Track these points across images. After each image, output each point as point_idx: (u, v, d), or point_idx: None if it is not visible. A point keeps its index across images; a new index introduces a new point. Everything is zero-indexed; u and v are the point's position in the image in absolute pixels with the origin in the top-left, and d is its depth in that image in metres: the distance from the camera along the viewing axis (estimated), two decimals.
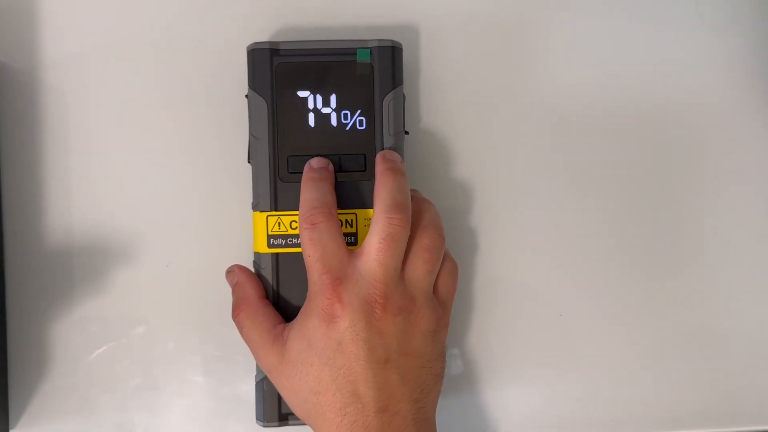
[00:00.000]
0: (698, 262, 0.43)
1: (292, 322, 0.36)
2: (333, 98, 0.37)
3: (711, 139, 0.44)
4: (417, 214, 0.36)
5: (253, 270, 0.38)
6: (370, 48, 0.37)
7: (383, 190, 0.35)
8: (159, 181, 0.42)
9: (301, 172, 0.37)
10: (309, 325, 0.34)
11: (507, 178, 0.43)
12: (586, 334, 0.43)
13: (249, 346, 0.36)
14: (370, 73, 0.37)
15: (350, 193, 0.37)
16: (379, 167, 0.36)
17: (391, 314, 0.34)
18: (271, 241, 0.37)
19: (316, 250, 0.34)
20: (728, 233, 0.44)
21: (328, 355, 0.33)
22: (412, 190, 0.39)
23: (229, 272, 0.38)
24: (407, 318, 0.34)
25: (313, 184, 0.36)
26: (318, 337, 0.34)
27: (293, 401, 0.35)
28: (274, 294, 0.37)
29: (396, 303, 0.34)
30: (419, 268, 0.35)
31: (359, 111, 0.37)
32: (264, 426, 0.37)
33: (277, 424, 0.37)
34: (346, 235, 0.36)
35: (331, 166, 0.37)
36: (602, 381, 0.43)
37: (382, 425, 0.33)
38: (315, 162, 0.37)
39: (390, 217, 0.34)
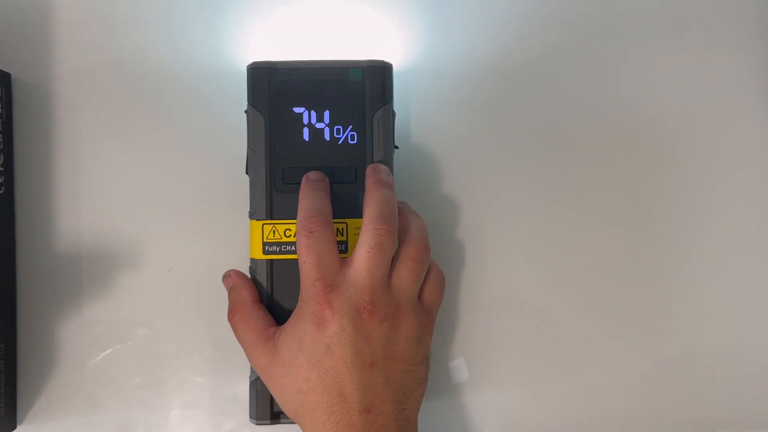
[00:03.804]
0: (680, 274, 0.44)
1: (283, 325, 0.36)
2: (326, 114, 0.38)
3: (695, 157, 0.44)
4: (404, 227, 0.38)
5: (248, 275, 0.39)
6: (362, 67, 0.38)
7: (371, 202, 0.36)
8: (162, 190, 0.43)
9: (296, 184, 0.38)
10: (300, 327, 0.35)
11: (494, 192, 0.44)
12: (569, 340, 0.43)
13: (243, 347, 0.37)
14: (361, 90, 0.38)
15: (342, 203, 0.38)
16: (369, 180, 0.37)
17: (378, 320, 0.35)
18: (267, 248, 0.38)
19: (312, 257, 0.35)
20: (713, 245, 0.44)
21: (317, 357, 0.34)
22: (402, 203, 0.40)
23: (226, 276, 0.39)
24: (393, 324, 0.35)
25: (311, 194, 0.37)
26: (308, 339, 0.35)
27: (283, 400, 0.36)
28: (268, 298, 0.38)
29: (382, 309, 0.35)
30: (405, 277, 0.36)
31: (351, 126, 0.39)
32: (257, 424, 0.38)
33: (269, 422, 0.38)
34: (339, 243, 0.37)
35: (326, 179, 0.38)
36: (585, 386, 0.43)
37: (366, 424, 0.34)
38: (312, 174, 0.38)
39: (377, 228, 0.35)
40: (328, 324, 0.34)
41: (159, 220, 0.43)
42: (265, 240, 0.38)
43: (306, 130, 0.39)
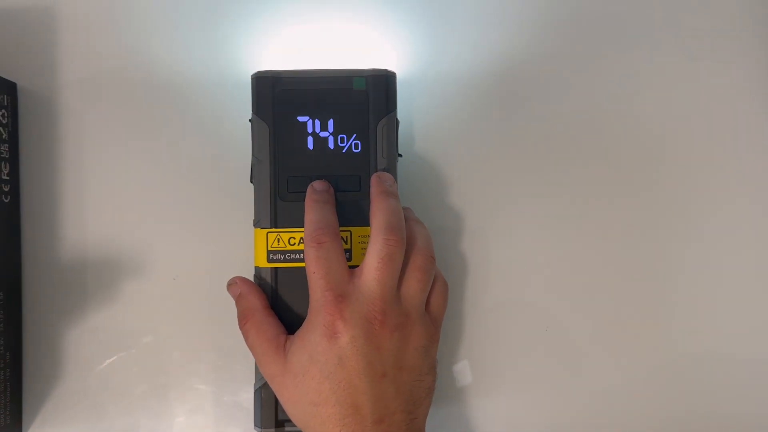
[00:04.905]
0: (683, 279, 0.44)
1: (294, 335, 0.36)
2: (330, 123, 0.39)
3: (697, 162, 0.44)
4: (410, 237, 0.38)
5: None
6: (366, 76, 0.39)
7: (379, 212, 0.36)
8: (167, 198, 0.43)
9: (300, 192, 0.38)
10: (311, 339, 0.35)
11: (497, 198, 0.44)
12: (572, 345, 0.44)
13: (253, 355, 0.37)
14: (365, 99, 0.39)
15: (346, 211, 0.38)
16: (374, 190, 0.38)
17: (389, 330, 0.35)
18: (271, 256, 0.38)
19: (321, 268, 0.35)
20: (715, 250, 0.44)
21: (329, 369, 0.34)
22: (405, 209, 0.40)
23: (231, 284, 0.39)
24: (403, 334, 0.35)
25: (318, 205, 0.37)
26: (320, 351, 0.35)
27: (293, 410, 0.36)
28: (273, 306, 0.38)
29: (393, 320, 0.35)
30: (413, 287, 0.36)
31: (355, 135, 0.39)
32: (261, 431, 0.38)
33: (273, 430, 0.38)
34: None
35: (331, 189, 0.38)
36: (588, 391, 0.44)
37: None
38: (318, 184, 0.38)
39: (387, 239, 0.35)
40: (340, 335, 0.34)
41: (164, 229, 0.43)
42: (269, 248, 0.38)
43: (310, 139, 0.39)
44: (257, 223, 0.39)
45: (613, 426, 0.44)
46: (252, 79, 0.39)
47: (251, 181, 0.39)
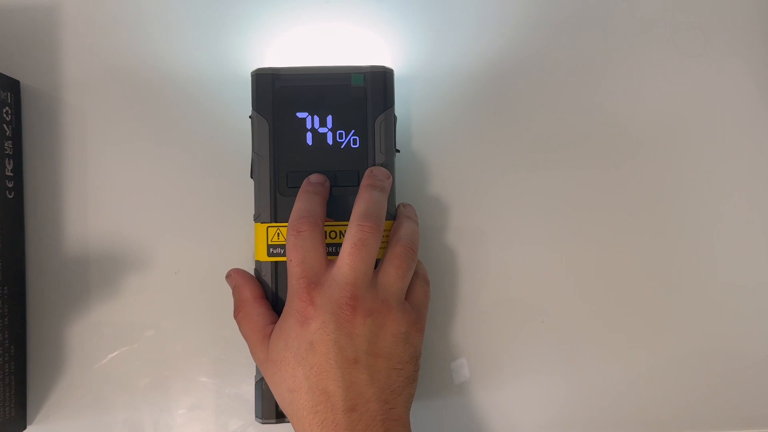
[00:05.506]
0: (680, 273, 0.44)
1: (275, 324, 0.37)
2: (329, 119, 0.39)
3: (693, 158, 0.44)
4: (396, 229, 0.38)
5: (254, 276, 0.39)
6: (364, 73, 0.39)
7: (359, 202, 0.37)
8: (169, 194, 0.43)
9: (299, 187, 0.38)
10: (285, 326, 0.36)
11: (494, 194, 0.44)
12: (569, 340, 0.44)
13: (247, 344, 0.38)
14: (363, 96, 0.39)
15: (344, 206, 0.39)
16: (362, 183, 0.38)
17: (361, 316, 0.35)
18: (271, 250, 0.39)
19: (297, 255, 0.36)
20: (712, 244, 0.44)
21: (302, 354, 0.35)
22: (407, 206, 0.41)
23: (228, 276, 0.39)
24: (377, 320, 0.35)
25: (307, 195, 0.37)
26: (293, 337, 0.35)
27: (278, 398, 0.36)
28: (273, 299, 0.39)
29: (366, 305, 0.35)
30: (391, 274, 0.36)
31: (353, 131, 0.39)
32: (262, 423, 0.39)
33: (274, 421, 0.39)
34: (338, 245, 0.38)
35: (327, 183, 0.39)
36: (586, 386, 0.44)
37: (351, 424, 0.34)
38: (313, 177, 0.39)
39: (361, 225, 0.36)
40: (311, 321, 0.35)
41: (165, 224, 0.43)
42: (269, 242, 0.39)
43: (309, 135, 0.39)
44: (257, 218, 0.39)
45: (611, 420, 0.44)
46: (252, 76, 0.39)
47: (251, 177, 0.40)
